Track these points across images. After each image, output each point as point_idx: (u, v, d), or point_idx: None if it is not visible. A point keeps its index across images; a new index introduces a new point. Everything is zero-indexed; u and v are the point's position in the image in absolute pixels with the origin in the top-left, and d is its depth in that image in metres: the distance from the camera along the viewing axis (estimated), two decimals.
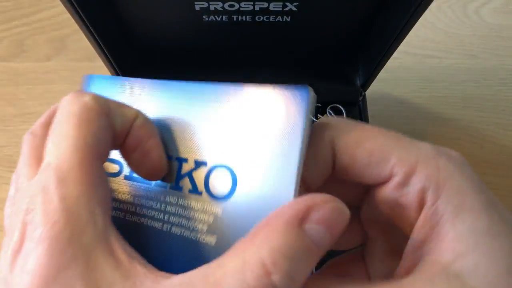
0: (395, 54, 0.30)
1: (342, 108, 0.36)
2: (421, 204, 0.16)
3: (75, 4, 0.25)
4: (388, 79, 0.45)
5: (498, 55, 0.47)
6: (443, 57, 0.47)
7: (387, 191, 0.17)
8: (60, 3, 0.25)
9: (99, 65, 0.33)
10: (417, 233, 0.17)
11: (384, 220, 0.19)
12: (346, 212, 0.14)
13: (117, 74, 0.34)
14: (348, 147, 0.17)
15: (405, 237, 0.18)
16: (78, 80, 0.45)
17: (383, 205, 0.18)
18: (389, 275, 0.19)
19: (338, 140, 0.17)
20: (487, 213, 0.15)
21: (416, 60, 0.47)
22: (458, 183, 0.16)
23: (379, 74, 0.34)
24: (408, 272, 0.16)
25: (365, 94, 0.36)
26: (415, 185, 0.16)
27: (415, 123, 0.43)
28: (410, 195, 0.17)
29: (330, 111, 0.36)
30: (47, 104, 0.44)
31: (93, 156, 0.15)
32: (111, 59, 0.31)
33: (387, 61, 0.32)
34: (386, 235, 0.20)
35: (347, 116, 0.36)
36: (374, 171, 0.17)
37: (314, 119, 0.18)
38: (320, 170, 0.18)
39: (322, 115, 0.36)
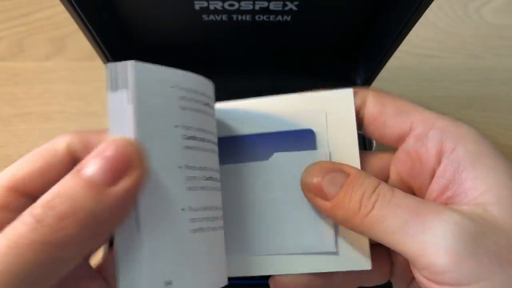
0: (395, 54, 0.30)
1: None
2: (439, 154, 0.18)
3: (74, 4, 0.25)
4: (388, 79, 0.45)
5: (499, 54, 0.47)
6: (444, 56, 0.47)
7: (408, 144, 0.20)
8: (59, 2, 0.24)
9: (99, 65, 0.33)
10: (438, 181, 0.18)
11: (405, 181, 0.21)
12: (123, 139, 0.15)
13: None
14: (381, 98, 0.21)
15: None
16: (77, 80, 0.46)
17: (404, 159, 0.20)
18: None
19: (370, 96, 0.21)
20: (504, 160, 0.17)
21: (417, 59, 0.46)
22: (475, 136, 0.18)
23: (379, 74, 0.34)
24: None
25: None
26: (434, 136, 0.18)
27: None
28: (429, 145, 0.19)
29: None
30: (46, 103, 0.43)
31: (13, 186, 0.16)
32: (110, 59, 0.31)
33: (387, 60, 0.31)
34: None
35: None
36: (397, 122, 0.20)
37: None
38: None
39: None
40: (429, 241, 0.15)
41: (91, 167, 0.14)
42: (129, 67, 0.16)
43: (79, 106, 0.44)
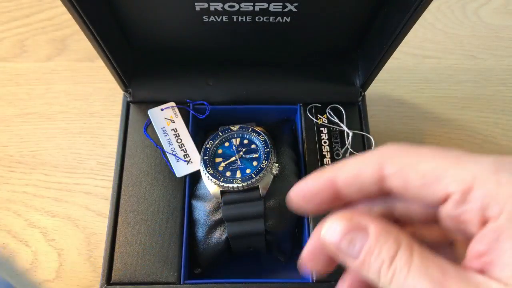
0: (394, 55, 0.31)
1: (341, 108, 0.36)
2: (483, 221, 0.16)
3: (76, 5, 0.25)
4: (387, 80, 0.45)
5: (497, 55, 0.47)
6: (443, 57, 0.47)
7: (447, 210, 0.17)
8: (60, 3, 0.25)
9: (100, 65, 0.33)
10: (477, 245, 0.17)
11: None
12: None
13: (118, 74, 0.34)
14: (400, 171, 0.17)
15: None
16: (78, 80, 0.46)
17: (446, 222, 0.18)
18: None
19: (388, 164, 0.18)
20: None
21: (415, 60, 0.47)
22: None
23: (378, 75, 0.34)
24: None
25: (364, 95, 0.37)
26: (474, 202, 0.16)
27: (415, 124, 0.43)
28: (471, 212, 0.16)
29: (330, 111, 0.36)
30: (48, 104, 0.44)
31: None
32: (111, 59, 0.32)
33: (386, 61, 0.32)
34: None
35: (347, 116, 0.36)
36: (428, 193, 0.17)
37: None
38: (356, 191, 0.19)
39: (322, 115, 0.36)
40: None
41: None
42: None
43: (81, 106, 0.44)
